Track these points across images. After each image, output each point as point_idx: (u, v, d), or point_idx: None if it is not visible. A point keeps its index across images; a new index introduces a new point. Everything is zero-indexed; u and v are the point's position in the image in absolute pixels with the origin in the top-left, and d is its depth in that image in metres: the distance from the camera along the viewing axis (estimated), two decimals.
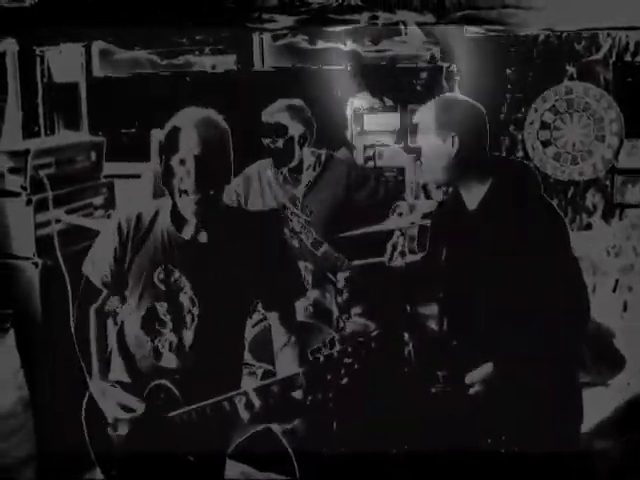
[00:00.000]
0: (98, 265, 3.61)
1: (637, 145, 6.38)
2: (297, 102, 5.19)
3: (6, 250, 4.96)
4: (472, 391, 3.58)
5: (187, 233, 3.46)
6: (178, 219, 3.46)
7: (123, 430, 3.52)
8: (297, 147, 5.12)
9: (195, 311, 3.49)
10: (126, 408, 3.49)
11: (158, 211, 3.53)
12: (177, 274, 3.48)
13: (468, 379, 3.59)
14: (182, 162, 3.29)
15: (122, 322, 3.75)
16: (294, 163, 5.15)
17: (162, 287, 3.49)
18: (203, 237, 3.46)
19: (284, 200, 5.14)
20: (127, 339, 3.67)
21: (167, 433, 3.48)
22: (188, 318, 3.50)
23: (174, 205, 3.42)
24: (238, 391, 3.35)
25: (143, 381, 3.54)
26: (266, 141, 5.13)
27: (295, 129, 5.10)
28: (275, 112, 5.12)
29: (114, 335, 3.75)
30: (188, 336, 3.51)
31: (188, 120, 3.37)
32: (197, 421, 3.40)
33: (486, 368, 3.56)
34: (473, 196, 3.68)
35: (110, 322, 3.87)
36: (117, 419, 3.52)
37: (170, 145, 3.33)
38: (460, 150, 3.61)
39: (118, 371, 3.68)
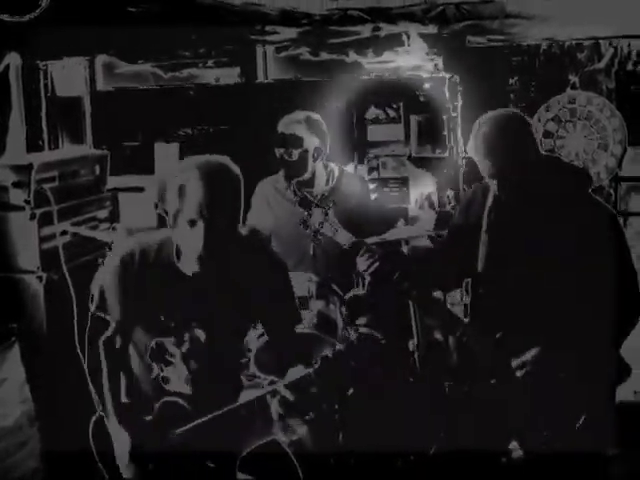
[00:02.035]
0: (107, 299, 3.63)
1: None
2: (314, 115, 5.18)
3: (11, 264, 4.96)
4: (520, 373, 3.65)
5: (189, 268, 3.50)
6: (181, 254, 3.51)
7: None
8: (311, 160, 5.11)
9: (201, 340, 3.57)
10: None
11: (161, 247, 3.58)
12: (183, 308, 3.54)
13: (514, 363, 3.65)
14: (191, 222, 3.31)
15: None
16: (307, 176, 5.13)
17: (170, 323, 3.55)
18: (209, 272, 3.47)
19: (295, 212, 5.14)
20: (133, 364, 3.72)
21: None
22: (194, 348, 3.57)
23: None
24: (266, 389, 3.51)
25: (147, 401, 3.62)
26: (280, 151, 5.11)
27: (310, 142, 5.08)
28: (292, 123, 5.10)
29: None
30: (194, 365, 3.59)
31: (198, 176, 3.31)
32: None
33: (533, 352, 3.65)
34: (524, 191, 3.77)
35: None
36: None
37: (179, 202, 3.32)
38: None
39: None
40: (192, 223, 3.30)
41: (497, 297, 3.77)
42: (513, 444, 3.93)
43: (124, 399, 3.69)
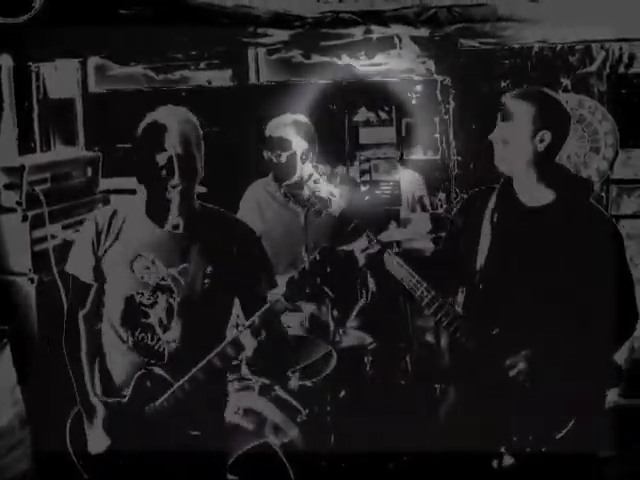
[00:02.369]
0: (81, 260, 3.65)
1: (632, 156, 6.38)
2: (302, 118, 5.20)
3: (2, 266, 4.96)
4: (513, 373, 3.64)
5: (164, 224, 3.56)
6: (154, 211, 3.57)
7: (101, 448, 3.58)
8: (299, 163, 5.12)
9: (175, 298, 3.56)
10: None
11: (129, 207, 3.67)
12: (155, 263, 3.55)
13: (509, 361, 3.66)
14: (169, 159, 3.43)
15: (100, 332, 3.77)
16: (295, 179, 5.14)
17: (140, 277, 3.56)
18: (180, 227, 3.56)
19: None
20: (106, 350, 3.70)
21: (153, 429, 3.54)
22: (168, 307, 3.56)
23: (150, 198, 3.57)
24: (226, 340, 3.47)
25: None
26: (268, 154, 5.13)
27: (298, 145, 5.10)
28: (280, 126, 5.12)
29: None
30: (172, 326, 3.56)
31: (170, 117, 3.50)
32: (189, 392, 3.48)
33: (527, 352, 3.65)
34: (532, 195, 3.80)
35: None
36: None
37: (154, 142, 3.46)
38: (547, 148, 3.72)
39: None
40: (169, 159, 3.44)
41: (495, 294, 3.78)
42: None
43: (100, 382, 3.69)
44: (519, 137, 3.72)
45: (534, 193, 3.79)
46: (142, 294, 3.56)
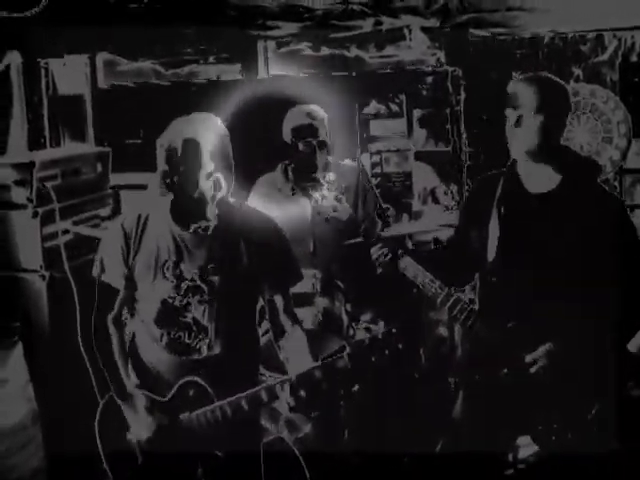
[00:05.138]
0: (112, 267, 3.73)
1: None
2: (317, 108, 5.20)
3: (13, 263, 4.95)
4: (534, 369, 3.64)
5: (191, 226, 3.65)
6: (180, 214, 3.65)
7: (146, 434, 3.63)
8: (325, 153, 5.11)
9: (207, 298, 3.64)
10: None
11: (152, 211, 3.72)
12: (184, 265, 3.64)
13: (529, 358, 3.64)
14: (208, 175, 3.54)
15: (133, 333, 3.82)
16: (320, 170, 5.11)
17: (172, 279, 3.63)
18: (209, 229, 3.64)
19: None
20: (140, 349, 3.78)
21: (190, 436, 3.61)
22: (202, 305, 3.64)
23: (175, 201, 3.61)
24: (282, 378, 3.54)
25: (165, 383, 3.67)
26: (295, 142, 5.10)
27: (324, 134, 5.09)
28: (305, 115, 5.12)
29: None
30: (207, 325, 3.65)
31: (200, 132, 3.56)
32: (230, 417, 3.56)
33: (546, 347, 3.64)
34: (537, 181, 3.79)
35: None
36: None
37: (190, 157, 3.52)
38: (549, 131, 3.70)
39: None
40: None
41: (509, 286, 3.75)
42: (521, 440, 3.91)
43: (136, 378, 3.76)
44: (526, 124, 3.69)
45: (538, 177, 3.76)
46: (174, 297, 3.64)
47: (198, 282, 3.62)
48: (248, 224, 3.72)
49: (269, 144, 5.41)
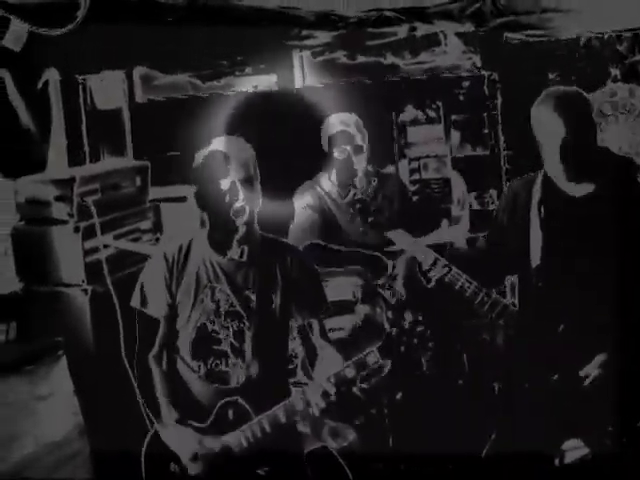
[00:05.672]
0: (155, 297, 3.78)
1: None
2: (355, 116, 5.24)
3: (55, 278, 4.98)
4: (587, 382, 3.62)
5: (227, 252, 3.73)
6: (217, 241, 3.74)
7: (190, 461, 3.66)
8: (363, 160, 5.15)
9: (245, 323, 3.71)
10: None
11: (192, 240, 3.82)
12: (223, 291, 3.72)
13: (583, 372, 3.63)
14: (233, 183, 3.59)
15: (173, 369, 3.87)
16: (359, 176, 5.15)
17: (211, 305, 3.71)
18: (244, 255, 3.72)
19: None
20: (179, 383, 3.82)
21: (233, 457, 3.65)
22: (239, 332, 3.72)
23: (212, 229, 3.74)
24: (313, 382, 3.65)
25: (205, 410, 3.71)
26: (332, 150, 5.14)
27: (360, 140, 5.13)
28: (340, 123, 5.19)
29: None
30: (245, 349, 3.71)
31: (229, 146, 3.67)
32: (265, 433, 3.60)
33: (600, 358, 3.61)
34: (575, 185, 3.74)
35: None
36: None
37: (217, 169, 3.60)
38: (577, 142, 3.65)
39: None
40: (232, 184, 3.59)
41: (557, 290, 3.72)
42: (567, 444, 3.88)
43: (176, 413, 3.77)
44: (546, 140, 3.67)
45: (576, 183, 3.73)
46: (213, 322, 3.71)
47: (237, 308, 3.71)
48: (281, 254, 3.83)
49: (309, 154, 5.43)
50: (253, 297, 3.72)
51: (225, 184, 3.58)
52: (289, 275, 3.79)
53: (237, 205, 3.59)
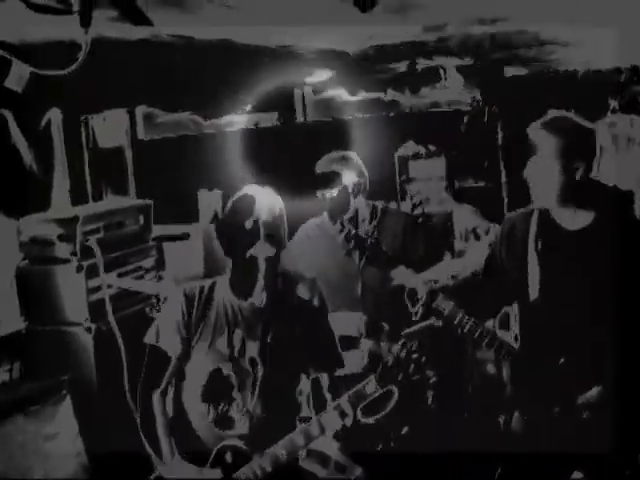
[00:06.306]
0: (166, 331, 3.80)
1: None
2: (349, 153, 5.25)
3: (59, 317, 4.98)
4: (585, 415, 3.63)
5: (248, 298, 3.77)
6: (237, 287, 3.79)
7: None
8: (351, 197, 5.15)
9: (259, 371, 3.74)
10: None
11: (215, 283, 3.86)
12: (240, 337, 3.76)
13: (582, 400, 3.63)
14: (255, 222, 3.62)
15: (177, 410, 3.88)
16: (349, 214, 5.15)
17: (226, 350, 3.74)
18: (263, 301, 3.75)
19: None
20: (183, 424, 3.82)
21: None
22: (252, 379, 3.75)
23: (233, 275, 3.78)
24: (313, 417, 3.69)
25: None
26: (321, 192, 5.16)
27: (349, 178, 5.13)
28: (329, 162, 5.18)
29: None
30: (254, 396, 3.74)
31: (257, 191, 3.74)
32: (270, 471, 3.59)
33: (595, 390, 3.62)
34: (572, 219, 3.74)
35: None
36: None
37: (243, 210, 3.66)
38: (583, 176, 3.66)
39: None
40: (255, 223, 3.64)
41: (557, 323, 3.71)
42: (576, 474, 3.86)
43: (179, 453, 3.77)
44: (549, 172, 3.67)
45: (573, 217, 3.73)
46: (228, 367, 3.74)
47: (253, 354, 3.74)
48: (296, 312, 3.88)
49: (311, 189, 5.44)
50: (269, 345, 3.74)
51: (249, 223, 3.62)
52: (305, 330, 3.84)
53: (258, 244, 3.63)
